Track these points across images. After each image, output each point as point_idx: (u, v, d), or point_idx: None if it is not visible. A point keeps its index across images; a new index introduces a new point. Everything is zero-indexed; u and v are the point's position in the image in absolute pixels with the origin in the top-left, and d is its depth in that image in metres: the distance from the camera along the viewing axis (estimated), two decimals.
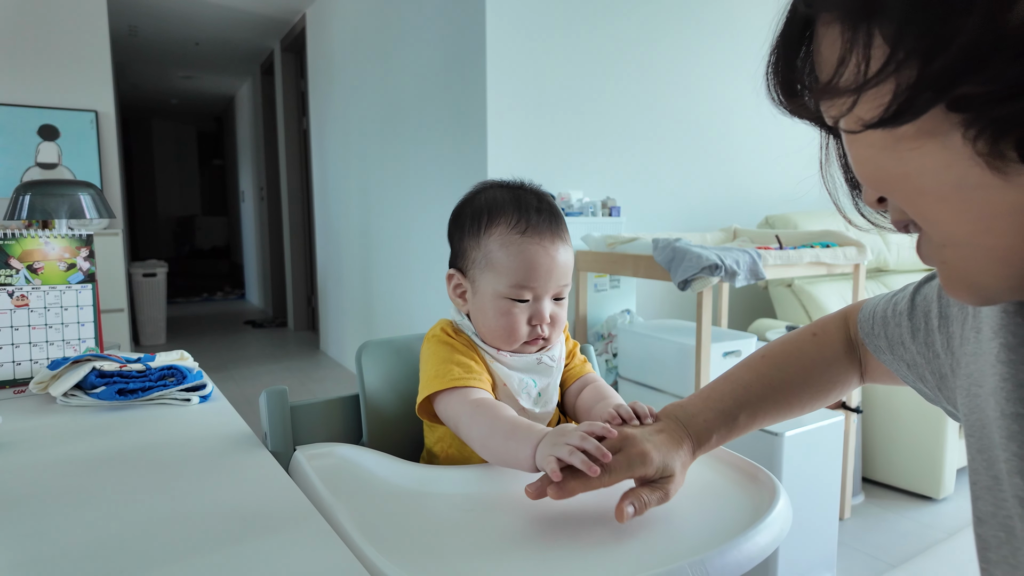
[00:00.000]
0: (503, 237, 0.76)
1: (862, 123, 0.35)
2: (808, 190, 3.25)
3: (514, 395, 0.77)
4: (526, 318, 0.77)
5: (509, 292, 0.76)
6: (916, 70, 0.31)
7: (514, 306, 0.76)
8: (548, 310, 0.78)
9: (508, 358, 0.79)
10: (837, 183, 0.45)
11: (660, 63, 2.70)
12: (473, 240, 0.79)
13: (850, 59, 0.34)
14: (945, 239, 0.37)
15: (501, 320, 0.77)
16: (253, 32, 4.89)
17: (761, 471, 0.70)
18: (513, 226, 0.76)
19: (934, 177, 0.34)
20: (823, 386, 0.67)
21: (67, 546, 0.54)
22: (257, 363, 4.26)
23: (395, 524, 0.60)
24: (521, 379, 0.78)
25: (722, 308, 2.29)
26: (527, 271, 0.75)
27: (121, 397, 0.94)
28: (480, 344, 0.79)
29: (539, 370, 0.79)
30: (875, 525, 2.02)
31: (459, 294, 0.81)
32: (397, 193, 3.21)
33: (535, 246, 0.76)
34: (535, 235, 0.76)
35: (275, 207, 5.72)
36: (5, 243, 1.05)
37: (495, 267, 0.76)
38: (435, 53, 2.72)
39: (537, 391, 0.79)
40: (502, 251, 0.76)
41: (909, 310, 0.57)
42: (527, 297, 0.76)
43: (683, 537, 0.58)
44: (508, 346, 0.78)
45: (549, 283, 0.77)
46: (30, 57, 3.33)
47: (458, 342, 0.79)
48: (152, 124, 8.60)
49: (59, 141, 3.41)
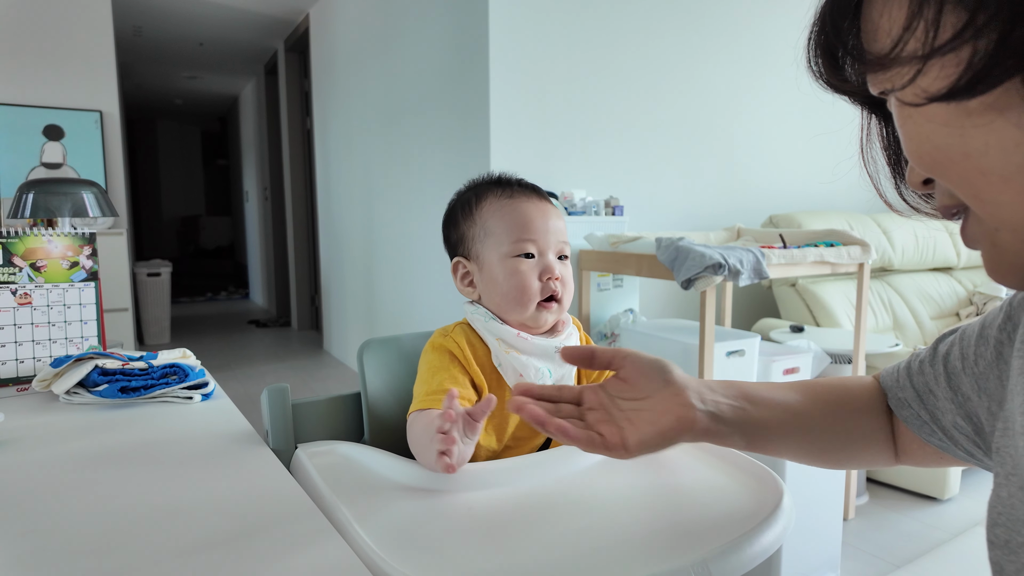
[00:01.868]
0: (494, 205, 0.81)
1: (926, 95, 0.32)
2: (811, 189, 3.24)
3: None
4: (536, 274, 0.78)
5: (512, 249, 0.78)
6: (996, 36, 0.29)
7: (521, 263, 0.78)
8: (556, 266, 0.79)
9: (526, 343, 0.78)
10: (878, 165, 0.42)
11: (664, 62, 2.70)
12: (468, 221, 0.83)
13: (917, 24, 0.31)
14: (1002, 223, 0.35)
15: (512, 280, 0.78)
16: (257, 32, 4.89)
17: (765, 470, 0.69)
18: (501, 195, 0.82)
19: (1000, 157, 0.32)
20: (854, 433, 0.57)
21: (70, 543, 0.54)
22: (261, 362, 4.27)
23: (396, 522, 0.60)
24: (537, 368, 0.77)
25: (725, 307, 2.28)
26: (523, 223, 0.79)
27: (123, 395, 0.94)
28: (497, 330, 0.78)
29: (556, 359, 0.79)
30: (879, 526, 2.02)
31: (467, 283, 0.83)
32: (400, 193, 3.21)
33: (524, 203, 0.80)
34: (523, 196, 0.81)
35: (279, 207, 5.73)
36: (8, 241, 1.05)
37: (493, 232, 0.80)
38: (438, 53, 2.72)
39: (552, 381, 0.78)
40: (495, 216, 0.80)
41: (931, 356, 0.54)
42: (531, 251, 0.78)
43: (686, 537, 0.57)
44: (524, 310, 0.78)
45: (548, 235, 0.79)
46: (35, 57, 3.34)
47: (450, 343, 0.78)
48: (156, 124, 8.63)
49: (64, 141, 3.42)
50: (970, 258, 3.26)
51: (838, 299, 2.62)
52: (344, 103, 3.91)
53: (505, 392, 0.78)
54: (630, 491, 0.68)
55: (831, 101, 0.43)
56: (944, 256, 3.14)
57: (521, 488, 0.67)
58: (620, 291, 2.29)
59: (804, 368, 1.93)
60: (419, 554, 0.54)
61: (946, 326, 3.02)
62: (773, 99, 3.03)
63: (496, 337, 0.79)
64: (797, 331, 2.33)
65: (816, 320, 2.59)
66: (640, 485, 0.69)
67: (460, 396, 0.73)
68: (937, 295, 3.05)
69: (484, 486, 0.67)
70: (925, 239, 3.05)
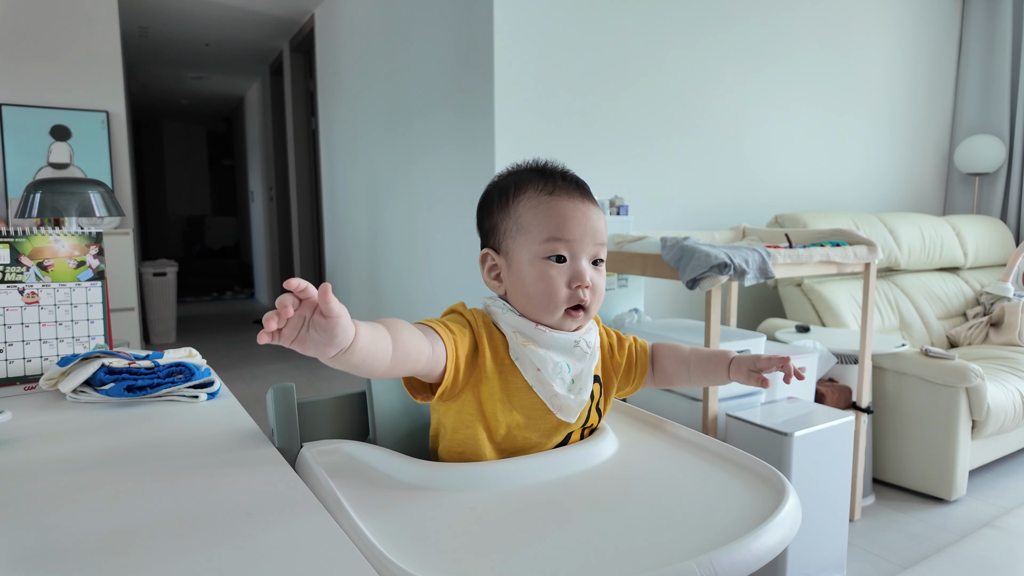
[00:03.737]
0: (531, 200, 0.76)
1: None
2: (817, 189, 3.23)
3: (548, 380, 0.74)
4: (565, 280, 0.74)
5: (543, 250, 0.74)
6: None
7: (551, 267, 0.74)
8: (588, 272, 0.75)
9: (544, 335, 0.75)
10: None
11: (669, 61, 2.69)
12: (502, 212, 0.78)
13: None
14: None
15: (539, 284, 0.74)
16: (262, 32, 4.91)
17: (770, 470, 0.69)
18: (541, 189, 0.76)
19: None
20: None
21: (76, 540, 0.54)
22: (266, 362, 4.28)
23: (401, 521, 0.60)
24: (556, 362, 0.75)
25: (731, 307, 2.27)
26: (558, 224, 0.74)
27: (129, 394, 0.94)
28: (515, 322, 0.76)
29: (575, 353, 0.76)
30: (886, 526, 2.01)
31: (494, 276, 0.80)
32: (405, 193, 3.21)
33: (564, 202, 0.75)
34: (563, 194, 0.76)
35: (284, 207, 5.74)
36: (16, 241, 1.05)
37: (526, 230, 0.75)
38: (443, 53, 2.72)
39: (571, 377, 0.76)
40: (531, 212, 0.75)
41: None
42: (563, 253, 0.74)
43: (691, 535, 0.57)
44: (549, 315, 0.75)
45: (584, 237, 0.75)
46: (42, 58, 3.36)
47: (469, 315, 0.77)
48: (163, 124, 8.66)
49: (71, 141, 3.43)
50: (977, 258, 3.24)
51: (844, 299, 2.61)
52: (349, 103, 3.92)
53: (517, 377, 0.75)
54: (635, 489, 0.68)
55: (837, 100, 0.42)
56: (951, 256, 3.12)
57: (526, 487, 0.67)
58: (625, 291, 2.28)
59: (810, 368, 1.93)
60: (424, 553, 0.54)
61: (953, 326, 3.00)
62: (779, 98, 3.02)
63: (514, 329, 0.76)
64: (803, 331, 2.32)
65: (822, 320, 2.58)
66: (645, 483, 0.69)
67: (452, 356, 0.70)
68: (944, 295, 3.03)
69: (489, 485, 0.67)
70: (932, 239, 3.04)
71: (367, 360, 0.59)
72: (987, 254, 3.28)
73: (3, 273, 1.04)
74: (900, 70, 3.51)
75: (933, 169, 3.77)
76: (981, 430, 2.16)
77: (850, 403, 2.06)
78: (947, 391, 2.13)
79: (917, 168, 3.68)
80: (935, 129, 3.74)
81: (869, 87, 3.37)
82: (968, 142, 3.58)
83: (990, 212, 3.63)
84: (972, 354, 2.65)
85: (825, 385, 2.05)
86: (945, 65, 3.74)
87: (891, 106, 3.49)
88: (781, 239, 2.13)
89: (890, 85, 3.47)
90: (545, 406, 0.75)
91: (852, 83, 3.29)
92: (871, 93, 3.39)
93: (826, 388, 2.03)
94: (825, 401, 2.01)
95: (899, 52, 3.49)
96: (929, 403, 2.17)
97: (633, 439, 0.82)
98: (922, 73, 3.61)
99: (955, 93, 3.80)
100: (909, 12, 3.51)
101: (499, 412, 0.74)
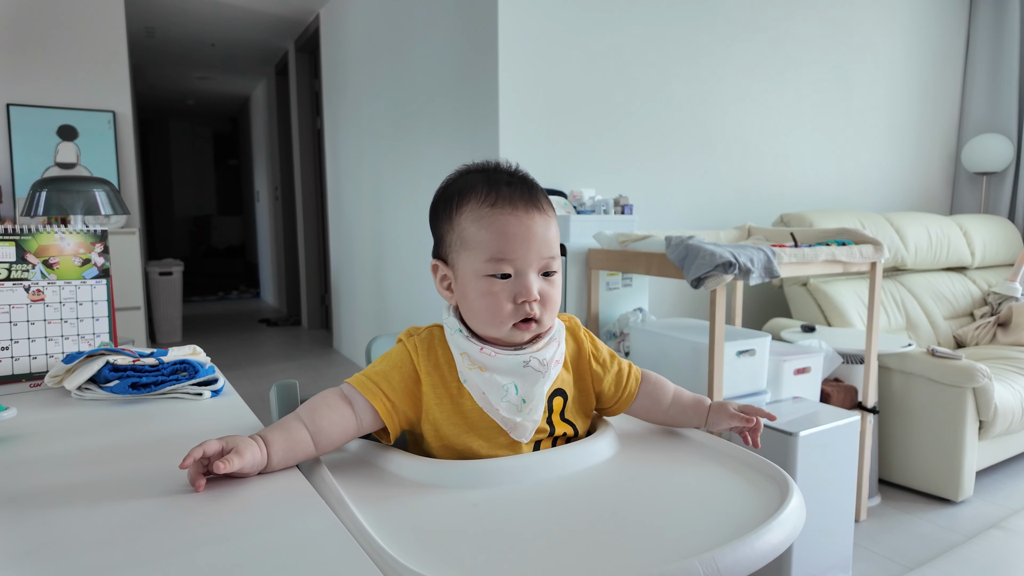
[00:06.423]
0: (474, 213, 0.73)
1: None
2: (822, 188, 3.22)
3: (494, 406, 0.72)
4: (509, 296, 0.72)
5: (486, 268, 0.72)
6: None
7: (494, 283, 0.72)
8: (535, 286, 0.72)
9: (490, 359, 0.73)
10: None
11: (674, 60, 2.68)
12: (447, 223, 0.76)
13: None
14: None
15: (482, 301, 0.72)
16: (268, 33, 4.92)
17: (774, 468, 0.69)
18: (483, 200, 0.73)
19: None
20: None
21: (80, 536, 0.54)
22: (271, 361, 4.29)
23: (404, 518, 0.60)
24: (501, 384, 0.72)
25: (736, 307, 2.27)
26: (500, 241, 0.71)
27: (134, 391, 0.94)
28: (461, 344, 0.74)
29: (523, 373, 0.73)
30: (891, 527, 2.00)
31: (446, 286, 0.77)
32: (410, 192, 3.21)
33: (506, 216, 0.72)
34: (506, 205, 0.72)
35: (289, 207, 5.76)
36: (22, 238, 1.06)
37: (469, 245, 0.73)
38: (448, 52, 2.72)
39: (520, 398, 0.73)
40: (473, 226, 0.73)
41: None
42: (507, 271, 0.72)
43: (694, 533, 0.57)
44: (497, 331, 0.73)
45: (529, 254, 0.72)
46: (49, 58, 3.37)
47: (411, 344, 0.76)
48: (169, 124, 8.69)
49: (77, 141, 3.45)
50: (984, 258, 3.22)
51: (850, 299, 2.60)
52: (354, 103, 3.93)
53: (467, 399, 0.74)
54: (639, 487, 0.68)
55: (843, 99, 0.42)
56: (958, 255, 3.11)
57: (529, 485, 0.67)
58: (629, 290, 2.28)
59: (815, 368, 1.92)
60: (428, 551, 0.54)
61: (960, 326, 2.98)
62: (784, 97, 3.01)
63: (461, 352, 0.74)
64: (808, 331, 2.31)
65: (828, 320, 2.57)
66: (649, 481, 0.69)
67: (387, 415, 0.73)
68: (951, 295, 3.02)
69: (492, 483, 0.67)
70: (939, 238, 3.02)
71: (291, 463, 0.68)
72: (994, 254, 3.26)
73: (9, 271, 1.05)
74: (907, 68, 3.49)
75: (940, 168, 3.76)
76: (988, 430, 2.14)
77: (856, 403, 2.05)
78: (954, 391, 2.11)
79: (924, 167, 3.66)
80: (942, 128, 3.72)
81: (876, 85, 3.36)
82: (975, 141, 3.56)
83: (998, 211, 3.61)
84: (979, 354, 2.63)
85: (831, 385, 2.05)
86: (952, 63, 3.72)
87: (898, 104, 3.48)
88: (787, 238, 2.13)
89: (897, 83, 3.46)
90: (498, 426, 0.73)
91: (858, 81, 3.27)
92: (878, 91, 3.37)
93: (832, 388, 2.02)
94: (831, 401, 2.00)
95: (906, 50, 3.47)
96: (936, 403, 2.16)
97: (636, 436, 0.82)
98: (929, 71, 3.59)
99: (962, 92, 3.78)
100: (916, 10, 3.49)
101: (461, 434, 0.74)
